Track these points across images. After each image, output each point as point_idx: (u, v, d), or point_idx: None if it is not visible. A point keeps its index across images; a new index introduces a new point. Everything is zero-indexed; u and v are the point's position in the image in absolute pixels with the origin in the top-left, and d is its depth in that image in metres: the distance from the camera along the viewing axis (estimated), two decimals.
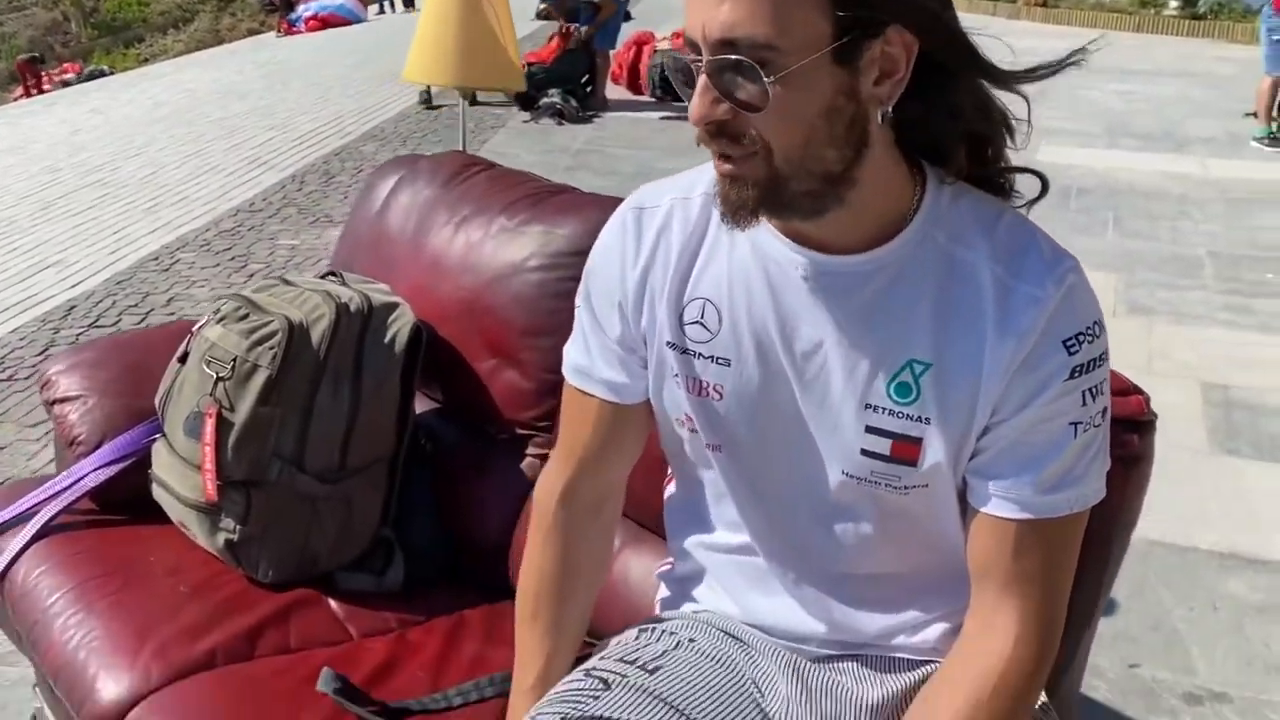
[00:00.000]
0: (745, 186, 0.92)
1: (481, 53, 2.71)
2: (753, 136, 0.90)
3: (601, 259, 1.11)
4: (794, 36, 0.86)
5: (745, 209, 0.93)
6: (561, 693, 1.05)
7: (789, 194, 0.92)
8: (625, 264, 1.07)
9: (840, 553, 1.06)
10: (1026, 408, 0.94)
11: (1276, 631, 2.39)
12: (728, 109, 0.89)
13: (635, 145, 7.26)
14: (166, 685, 1.41)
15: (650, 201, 1.08)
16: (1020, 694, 0.96)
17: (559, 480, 1.17)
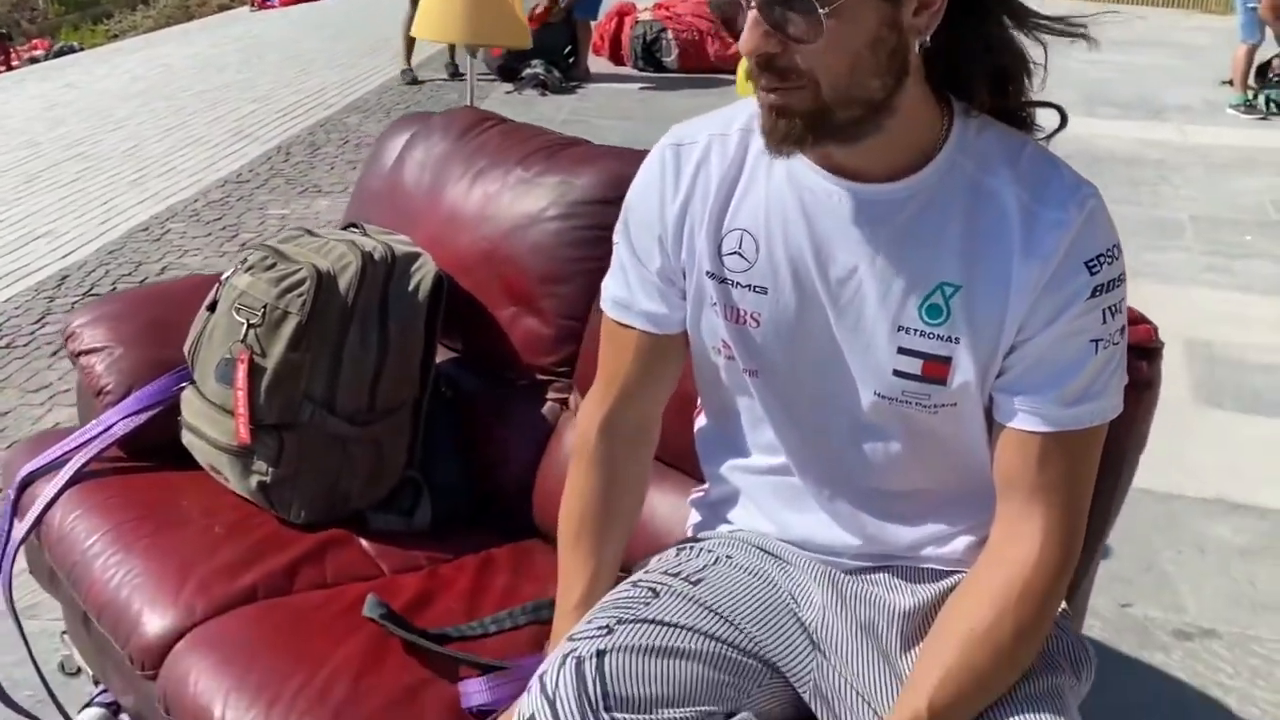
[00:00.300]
0: (792, 117, 0.97)
1: (489, 10, 2.74)
2: (801, 69, 0.95)
3: (641, 195, 1.15)
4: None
5: (791, 139, 0.97)
6: (612, 600, 1.11)
7: (834, 123, 0.97)
8: (665, 198, 1.12)
9: (871, 470, 1.12)
10: (1051, 325, 1.00)
11: (1261, 571, 2.49)
12: (778, 42, 0.94)
13: (619, 116, 7.27)
14: (210, 619, 1.46)
15: (688, 138, 1.13)
16: (1046, 597, 1.03)
17: (600, 411, 1.22)
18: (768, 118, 0.99)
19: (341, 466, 1.69)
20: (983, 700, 1.01)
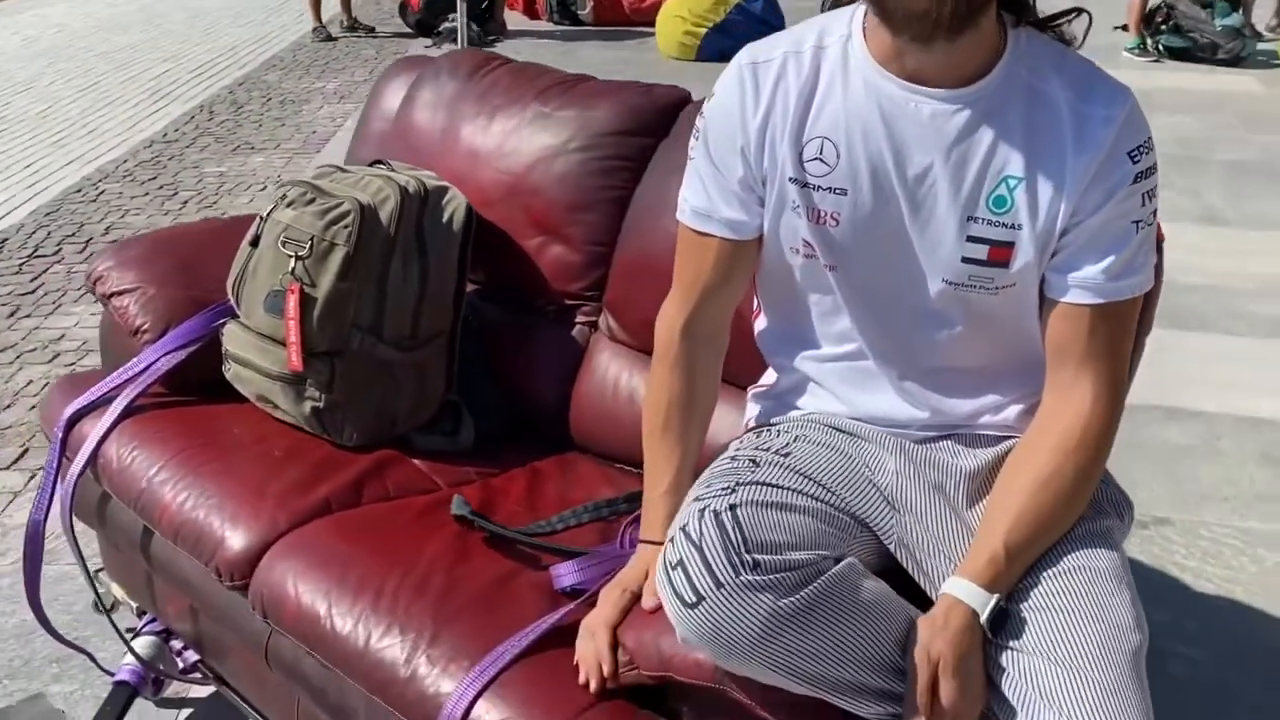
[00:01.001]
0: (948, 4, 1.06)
1: None
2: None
3: (721, 110, 1.26)
4: None
5: (940, 21, 1.06)
6: (720, 470, 1.24)
7: (964, 10, 1.07)
8: (746, 112, 1.23)
9: (935, 351, 1.26)
10: (1100, 210, 1.15)
11: (1201, 467, 2.73)
12: None
13: None
14: (292, 529, 1.54)
15: (763, 55, 1.24)
16: (1099, 445, 1.19)
17: (681, 314, 1.33)
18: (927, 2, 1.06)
19: (389, 391, 1.77)
20: (1048, 539, 1.17)
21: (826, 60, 1.21)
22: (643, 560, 1.31)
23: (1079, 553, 1.18)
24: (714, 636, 1.04)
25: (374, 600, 1.39)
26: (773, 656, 1.04)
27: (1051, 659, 1.10)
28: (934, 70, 1.15)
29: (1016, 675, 1.11)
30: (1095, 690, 1.07)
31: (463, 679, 1.27)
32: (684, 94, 1.89)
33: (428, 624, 1.35)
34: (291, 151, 5.34)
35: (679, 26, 7.34)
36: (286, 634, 1.45)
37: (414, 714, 1.30)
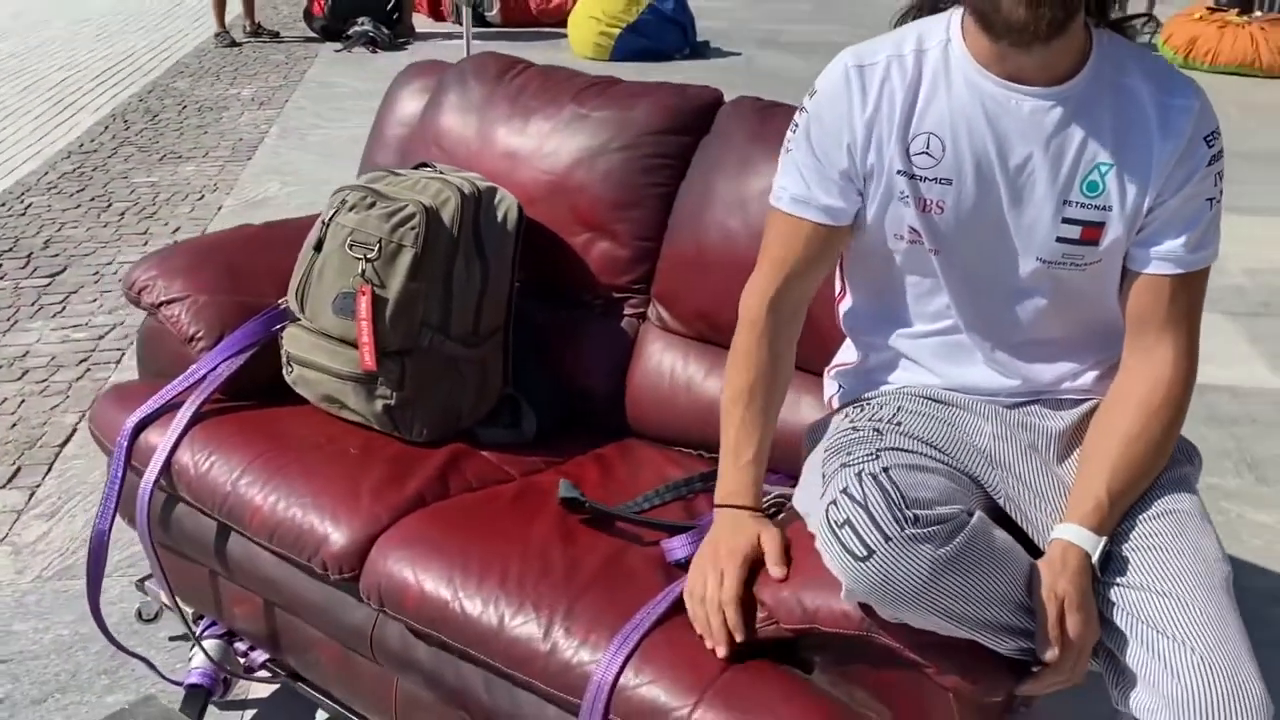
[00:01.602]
0: (1054, 7, 1.18)
1: None
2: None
3: (829, 106, 1.36)
4: None
5: (1050, 24, 1.19)
6: (850, 440, 1.34)
7: (1069, 10, 1.20)
8: (853, 110, 1.34)
9: (1022, 324, 1.39)
10: (1181, 189, 1.29)
11: None
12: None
13: None
14: (395, 522, 1.59)
15: (868, 58, 1.35)
16: (1180, 404, 1.33)
17: (769, 290, 1.43)
18: (1028, 12, 1.19)
19: (455, 386, 1.83)
20: (1141, 487, 1.31)
21: (928, 63, 1.33)
22: (742, 526, 1.37)
23: (1167, 497, 1.32)
24: (882, 586, 1.14)
25: (500, 582, 1.45)
26: (933, 600, 1.15)
27: (1156, 591, 1.24)
28: (1031, 71, 1.28)
29: (1125, 608, 1.25)
30: (1198, 615, 1.21)
31: (606, 648, 1.35)
32: (717, 94, 1.99)
33: (560, 600, 1.42)
34: (222, 160, 5.26)
35: (593, 27, 7.43)
36: (408, 620, 1.50)
37: (557, 684, 1.37)
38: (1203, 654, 1.18)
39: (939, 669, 1.22)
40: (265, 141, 5.56)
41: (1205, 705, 1.16)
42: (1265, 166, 5.39)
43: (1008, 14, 1.21)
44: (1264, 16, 7.78)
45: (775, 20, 9.05)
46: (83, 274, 3.90)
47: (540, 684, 1.39)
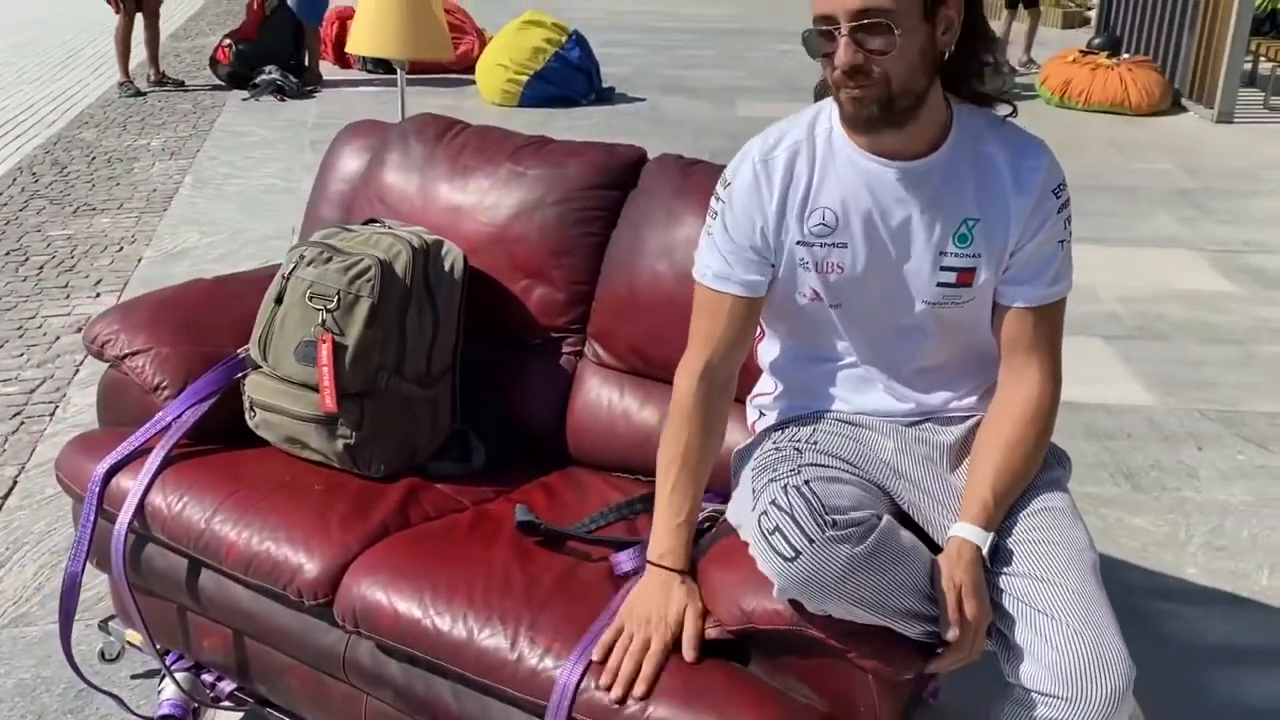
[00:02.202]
0: (873, 105, 1.43)
1: (421, 25, 2.98)
2: (879, 73, 1.41)
3: (742, 196, 1.57)
4: (905, 5, 1.40)
5: (872, 120, 1.44)
6: (773, 459, 1.53)
7: (895, 110, 1.44)
8: (763, 198, 1.55)
9: (914, 355, 1.61)
10: (1036, 235, 1.53)
11: None
12: (864, 56, 1.40)
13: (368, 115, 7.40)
14: (364, 551, 1.74)
15: (771, 154, 1.57)
16: (1048, 415, 1.56)
17: (699, 364, 1.60)
18: (855, 109, 1.44)
19: (410, 425, 1.98)
20: (1020, 487, 1.53)
21: (818, 149, 1.55)
22: (673, 594, 1.52)
23: (1043, 496, 1.55)
24: (808, 582, 1.34)
25: (467, 599, 1.61)
26: (851, 592, 1.34)
27: (1036, 578, 1.46)
28: (898, 147, 1.51)
29: (1012, 593, 1.46)
30: (1071, 596, 1.43)
31: (568, 655, 1.52)
32: (641, 152, 2.19)
33: (524, 613, 1.58)
34: (138, 211, 5.30)
35: (501, 75, 7.63)
36: (383, 639, 1.65)
37: (525, 689, 1.53)
38: (1075, 627, 1.40)
39: (859, 653, 1.41)
40: (180, 192, 5.61)
41: (1076, 668, 1.38)
42: (1135, 200, 5.82)
43: (844, 110, 1.47)
44: (1131, 59, 8.35)
45: (678, 66, 9.38)
46: (6, 329, 3.92)
47: (510, 689, 1.55)
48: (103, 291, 4.29)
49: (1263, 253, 5.03)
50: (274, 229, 5.02)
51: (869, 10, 1.39)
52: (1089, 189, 5.97)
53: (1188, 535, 2.83)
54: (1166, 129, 7.60)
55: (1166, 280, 4.65)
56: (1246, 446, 3.28)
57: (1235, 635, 2.46)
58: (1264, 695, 2.27)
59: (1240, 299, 4.47)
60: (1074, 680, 1.38)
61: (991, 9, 11.96)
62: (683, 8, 13.87)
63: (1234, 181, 6.24)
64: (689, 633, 1.50)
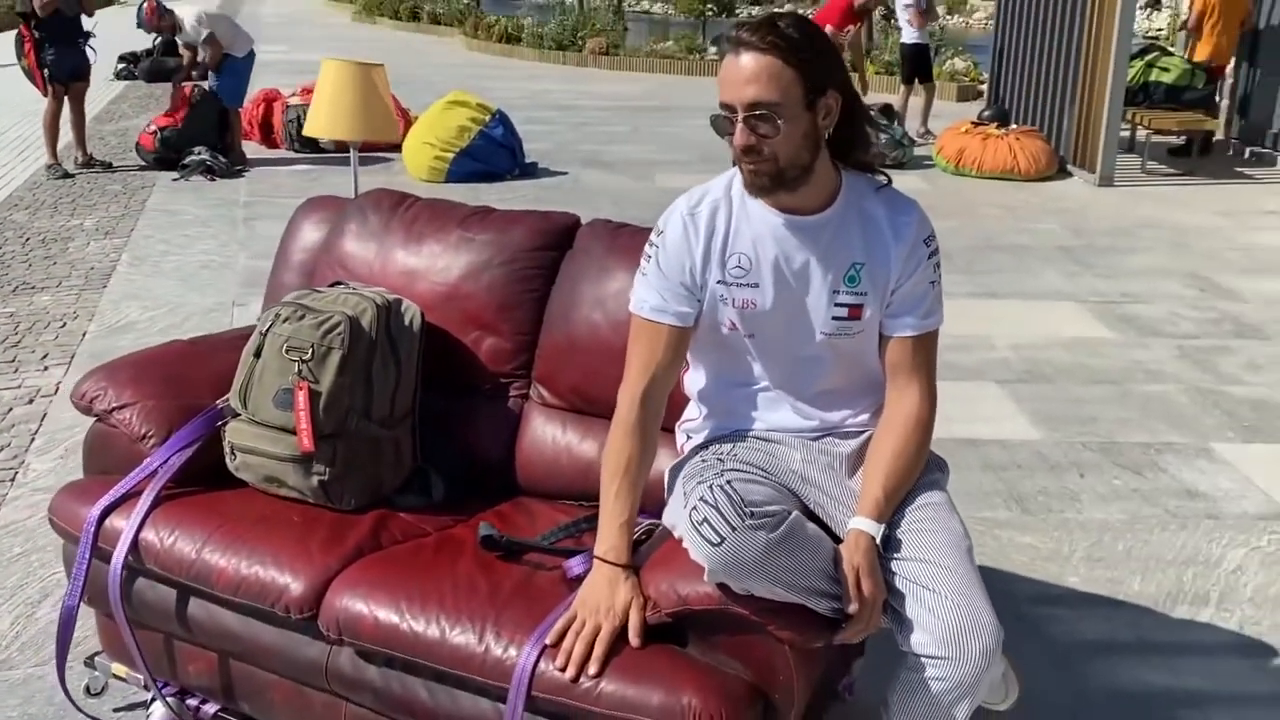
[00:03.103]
0: (765, 176, 1.75)
1: (372, 110, 3.25)
2: (768, 152, 1.73)
3: (674, 242, 1.87)
4: (789, 99, 1.73)
5: (765, 187, 1.77)
6: (700, 467, 1.81)
7: (785, 179, 1.76)
8: (691, 244, 1.86)
9: (816, 379, 1.91)
10: (911, 277, 1.85)
11: None
12: (757, 138, 1.72)
13: (299, 193, 7.59)
14: (343, 569, 1.97)
15: (696, 208, 1.88)
16: (927, 426, 1.87)
17: (639, 388, 1.88)
18: (752, 178, 1.77)
19: (377, 462, 2.23)
20: (906, 486, 1.82)
21: (734, 205, 1.87)
22: (619, 587, 1.77)
23: (924, 495, 1.85)
24: (732, 564, 1.61)
25: (439, 605, 1.85)
26: (769, 572, 1.62)
27: (920, 560, 1.75)
28: (795, 204, 1.83)
29: (902, 575, 1.75)
30: (949, 574, 1.73)
31: (525, 644, 1.76)
32: (575, 217, 2.49)
33: (489, 613, 1.82)
34: (77, 288, 5.44)
35: (428, 152, 7.93)
36: (365, 644, 1.87)
37: (493, 675, 1.77)
38: (952, 599, 1.69)
39: (777, 626, 1.68)
40: (118, 269, 5.76)
41: (954, 632, 1.67)
42: (1024, 257, 6.30)
43: (744, 178, 1.80)
44: (1019, 129, 8.97)
45: (596, 142, 9.80)
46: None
47: (479, 678, 1.78)
48: (50, 364, 4.43)
49: (1138, 303, 5.51)
50: (215, 302, 5.21)
51: (758, 104, 1.72)
52: (982, 249, 6.45)
53: (1070, 550, 3.16)
54: (1054, 193, 8.18)
55: (1053, 329, 5.08)
56: (1123, 473, 3.66)
57: (1112, 633, 2.79)
58: (1137, 682, 2.59)
59: (1117, 344, 4.91)
60: (953, 642, 1.67)
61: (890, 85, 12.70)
62: (596, 86, 14.41)
63: (1113, 239, 6.78)
64: (634, 621, 1.76)
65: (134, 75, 14.30)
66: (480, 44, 19.43)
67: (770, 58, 1.71)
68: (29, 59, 7.87)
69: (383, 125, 3.35)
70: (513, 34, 18.92)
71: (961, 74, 14.03)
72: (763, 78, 1.71)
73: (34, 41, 7.81)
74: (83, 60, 8.08)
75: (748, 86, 1.72)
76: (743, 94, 1.72)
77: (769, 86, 1.72)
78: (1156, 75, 9.06)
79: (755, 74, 1.71)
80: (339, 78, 3.29)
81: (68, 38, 7.93)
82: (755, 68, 1.71)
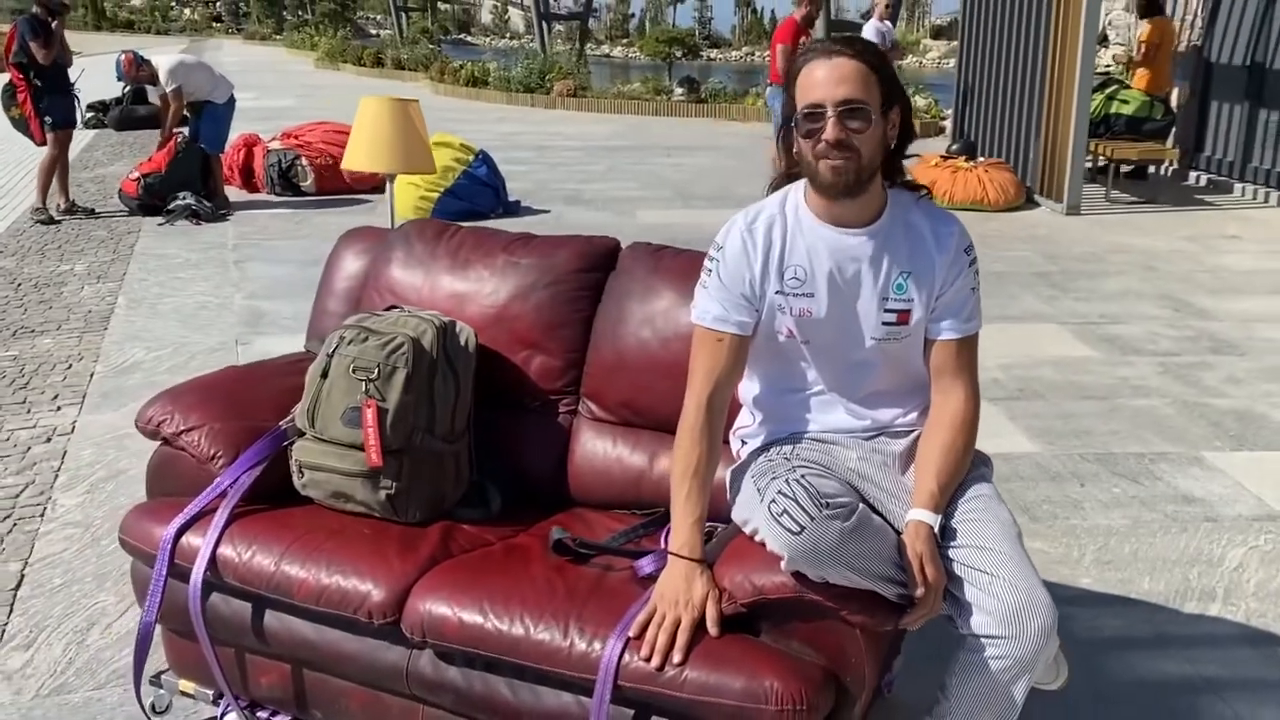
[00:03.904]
0: (849, 173, 1.89)
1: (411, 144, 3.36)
2: (855, 147, 1.87)
3: (734, 254, 2.00)
4: (873, 102, 1.89)
5: (847, 185, 1.90)
6: (769, 466, 1.93)
7: (862, 178, 1.90)
8: (750, 257, 1.99)
9: (866, 382, 2.04)
10: (954, 284, 1.99)
11: None
12: (847, 132, 1.86)
13: (285, 235, 7.73)
14: (421, 576, 2.05)
15: (753, 224, 2.01)
16: (973, 423, 1.99)
17: (704, 394, 1.99)
18: (834, 176, 1.89)
19: (440, 476, 2.32)
20: (957, 479, 1.95)
21: (789, 220, 2.00)
22: (695, 581, 1.87)
23: (974, 487, 1.97)
24: (812, 551, 1.72)
25: (521, 605, 1.94)
26: (843, 559, 1.73)
27: (975, 547, 1.87)
28: (849, 216, 1.97)
29: (959, 561, 1.87)
30: (1003, 558, 1.84)
31: (609, 637, 1.86)
32: (615, 241, 2.61)
33: (570, 610, 1.92)
34: (78, 331, 5.47)
35: (413, 192, 8.04)
36: (450, 645, 1.95)
37: (578, 668, 1.86)
38: (1009, 581, 1.81)
39: (850, 611, 1.79)
40: (116, 312, 5.80)
41: (1013, 612, 1.78)
42: (1004, 283, 6.50)
43: (823, 179, 1.92)
44: (986, 161, 9.25)
45: (574, 181, 9.97)
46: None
47: (565, 672, 1.87)
48: (62, 404, 4.46)
49: (1116, 323, 5.71)
50: (218, 341, 5.27)
51: (851, 101, 1.87)
52: None
53: (1080, 554, 3.30)
54: (1024, 222, 8.44)
55: (1039, 349, 5.26)
56: (1121, 481, 3.81)
57: (1128, 628, 2.92)
58: (1156, 672, 2.72)
59: (1101, 362, 5.10)
60: (1012, 621, 1.79)
61: None
62: (566, 127, 14.63)
63: (1085, 264, 7.02)
64: (711, 614, 1.86)
65: (104, 124, 14.34)
66: (447, 87, 19.63)
67: (859, 63, 1.88)
68: (24, 108, 7.94)
69: (419, 158, 3.47)
70: (479, 77, 19.14)
71: (922, 110, 14.39)
72: (855, 79, 1.87)
73: (31, 90, 7.89)
74: (73, 107, 8.17)
75: (841, 85, 1.87)
76: (836, 92, 1.87)
77: (860, 87, 1.88)
78: (1117, 107, 9.38)
79: (848, 75, 1.87)
80: (378, 113, 3.41)
81: (61, 86, 8.05)
82: (848, 70, 1.87)
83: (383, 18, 51.36)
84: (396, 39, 30.92)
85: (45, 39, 7.77)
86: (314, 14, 45.19)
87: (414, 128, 3.42)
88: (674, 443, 2.02)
